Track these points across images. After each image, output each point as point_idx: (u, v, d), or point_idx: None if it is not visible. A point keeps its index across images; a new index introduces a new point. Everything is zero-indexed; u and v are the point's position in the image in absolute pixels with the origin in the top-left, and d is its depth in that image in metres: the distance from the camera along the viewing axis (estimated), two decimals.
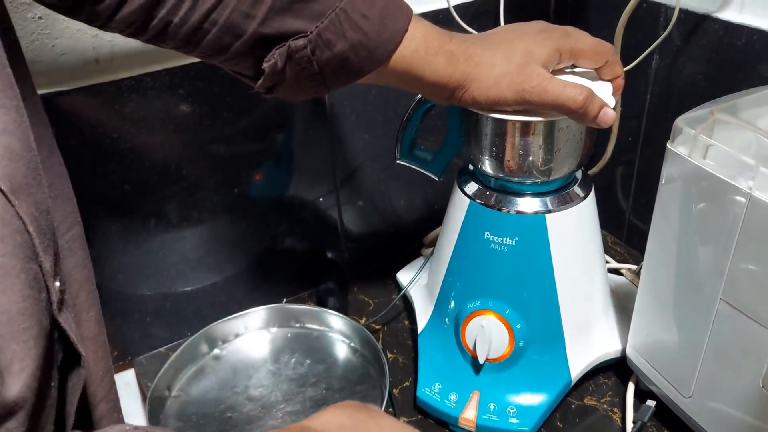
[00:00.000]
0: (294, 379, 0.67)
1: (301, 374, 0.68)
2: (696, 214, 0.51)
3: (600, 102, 0.49)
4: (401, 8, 0.48)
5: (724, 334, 0.51)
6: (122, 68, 0.60)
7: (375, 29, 0.46)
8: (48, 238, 0.33)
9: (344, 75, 0.48)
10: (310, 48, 0.46)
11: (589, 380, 0.66)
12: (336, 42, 0.46)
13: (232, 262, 0.75)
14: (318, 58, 0.46)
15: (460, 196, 0.61)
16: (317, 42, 0.46)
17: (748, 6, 0.62)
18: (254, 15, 0.44)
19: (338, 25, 0.45)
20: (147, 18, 0.44)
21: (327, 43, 0.46)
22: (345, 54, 0.46)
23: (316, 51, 0.46)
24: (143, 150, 0.63)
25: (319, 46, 0.46)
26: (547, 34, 0.51)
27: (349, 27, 0.46)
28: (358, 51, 0.47)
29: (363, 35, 0.46)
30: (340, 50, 0.46)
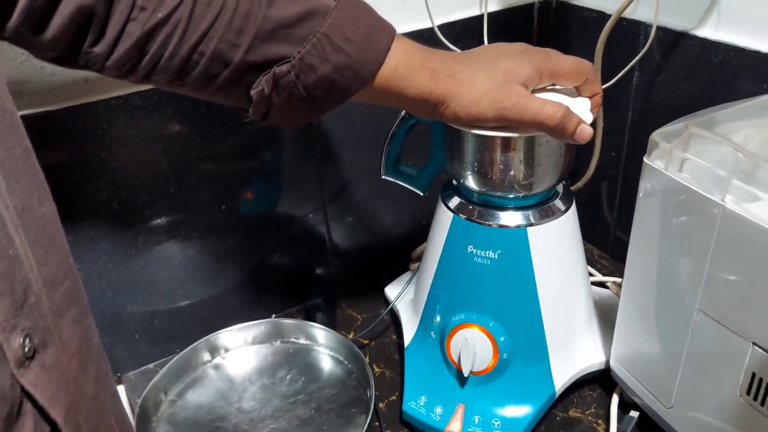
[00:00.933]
0: (286, 396, 0.67)
1: (294, 390, 0.68)
2: (673, 226, 0.52)
3: (577, 119, 0.50)
4: (384, 28, 0.50)
5: (702, 345, 0.51)
6: (111, 88, 0.61)
7: (358, 50, 0.47)
8: (1, 288, 0.30)
9: (332, 96, 0.49)
10: (294, 73, 0.47)
11: (574, 392, 0.67)
12: (319, 65, 0.47)
13: (220, 278, 0.76)
14: (303, 82, 0.47)
15: (444, 210, 0.62)
16: (301, 66, 0.47)
17: (723, 24, 0.64)
18: (240, 44, 0.46)
19: (320, 49, 0.46)
20: (140, 55, 0.46)
21: (310, 67, 0.47)
22: (330, 76, 0.48)
23: (300, 75, 0.47)
24: (132, 168, 0.64)
25: (303, 70, 0.47)
26: (528, 55, 0.52)
27: (331, 50, 0.47)
28: (343, 72, 0.48)
29: (347, 57, 0.47)
30: (325, 73, 0.47)
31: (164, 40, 0.45)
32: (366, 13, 0.49)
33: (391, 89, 0.50)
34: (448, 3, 0.76)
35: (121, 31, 0.44)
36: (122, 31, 0.44)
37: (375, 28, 0.49)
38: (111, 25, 0.44)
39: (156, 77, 0.47)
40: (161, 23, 0.45)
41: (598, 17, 0.76)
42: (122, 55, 0.45)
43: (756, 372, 0.47)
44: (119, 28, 0.44)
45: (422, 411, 0.63)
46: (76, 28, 0.44)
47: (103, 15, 0.44)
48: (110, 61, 0.45)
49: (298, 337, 0.74)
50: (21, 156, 0.36)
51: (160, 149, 0.65)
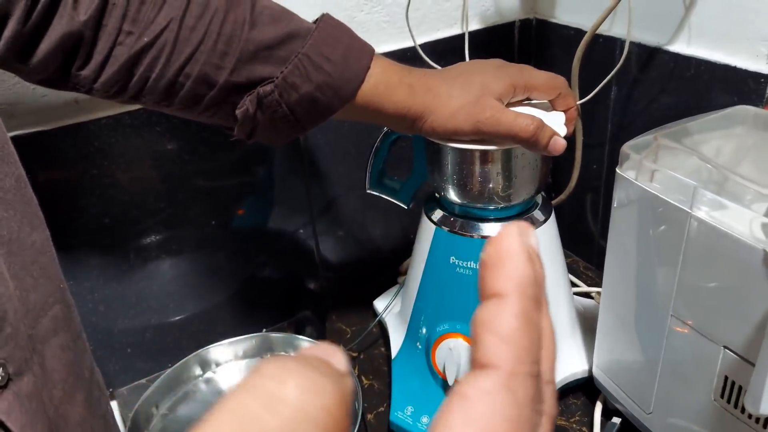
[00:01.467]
0: None
1: None
2: (646, 234, 0.53)
3: (550, 131, 0.52)
4: (363, 48, 0.51)
5: (676, 350, 0.53)
6: (101, 107, 0.63)
7: (338, 69, 0.49)
8: None
9: (315, 114, 0.51)
10: (277, 92, 0.49)
11: (559, 401, 0.68)
12: (301, 84, 0.49)
13: (211, 293, 0.77)
14: (286, 101, 0.49)
15: (427, 223, 0.64)
16: (283, 86, 0.48)
17: (695, 39, 0.66)
18: (224, 66, 0.47)
19: (302, 68, 0.48)
20: (127, 77, 0.47)
21: (293, 86, 0.49)
22: (312, 94, 0.49)
23: (283, 94, 0.49)
24: (123, 185, 0.66)
25: (285, 89, 0.49)
26: (503, 70, 0.54)
27: (312, 69, 0.48)
28: (324, 90, 0.49)
29: (327, 76, 0.49)
30: (307, 91, 0.49)
31: (150, 63, 0.47)
32: (345, 35, 0.51)
33: (371, 106, 0.52)
34: (430, 22, 0.78)
35: (109, 54, 0.46)
36: (109, 54, 0.46)
37: (354, 49, 0.50)
38: (98, 49, 0.46)
39: (144, 98, 0.49)
40: (147, 47, 0.46)
41: (576, 34, 0.78)
42: (110, 77, 0.47)
43: (728, 375, 0.48)
44: (106, 52, 0.46)
45: (409, 421, 0.64)
46: (64, 52, 0.45)
47: (90, 40, 0.45)
48: (98, 83, 0.47)
49: (288, 351, 0.75)
50: (12, 186, 0.37)
51: (151, 166, 0.67)
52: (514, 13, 0.83)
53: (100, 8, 0.45)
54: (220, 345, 0.73)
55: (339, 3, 0.72)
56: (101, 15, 0.45)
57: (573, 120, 0.58)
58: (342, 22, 0.51)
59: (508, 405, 0.17)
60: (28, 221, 0.38)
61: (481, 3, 0.81)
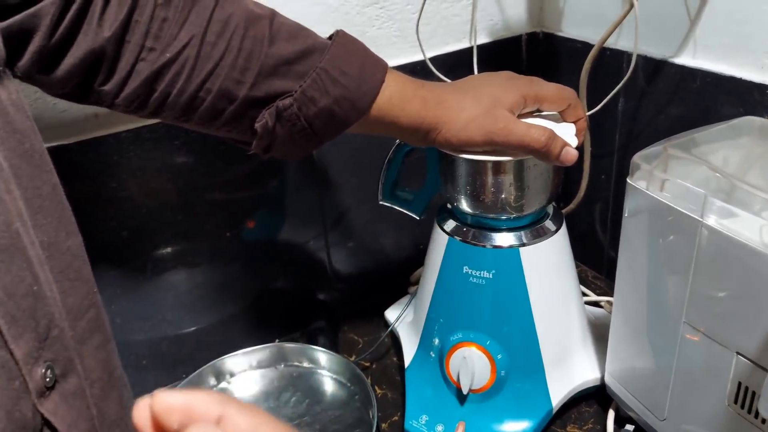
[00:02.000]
0: (291, 418, 0.69)
1: (298, 413, 0.69)
2: (658, 243, 0.54)
3: (562, 142, 0.53)
4: (377, 63, 0.53)
5: (690, 357, 0.53)
6: (120, 121, 0.65)
7: (354, 83, 0.51)
8: (25, 324, 0.32)
9: (332, 127, 0.52)
10: (296, 105, 0.50)
11: (572, 409, 0.69)
12: (320, 98, 0.50)
13: (226, 304, 0.78)
14: (305, 114, 0.50)
15: (440, 233, 0.65)
16: (302, 99, 0.50)
17: (700, 51, 0.67)
18: (244, 81, 0.49)
19: (320, 82, 0.50)
20: (149, 92, 0.48)
21: (311, 100, 0.50)
22: (330, 107, 0.51)
23: (302, 107, 0.50)
24: (140, 197, 0.67)
25: (304, 102, 0.50)
26: (513, 82, 0.56)
27: (330, 83, 0.50)
28: (342, 103, 0.51)
29: (344, 89, 0.50)
30: (325, 105, 0.50)
31: (172, 79, 0.48)
32: (359, 50, 0.52)
33: (386, 119, 0.53)
34: (439, 36, 0.80)
35: (131, 70, 0.47)
36: (132, 70, 0.47)
37: (369, 63, 0.52)
38: (121, 65, 0.47)
39: (164, 113, 0.50)
40: (169, 63, 0.47)
41: (583, 47, 0.79)
42: (131, 92, 0.48)
43: (742, 381, 0.49)
44: (129, 68, 0.47)
45: (424, 429, 0.64)
46: (87, 68, 0.46)
47: (113, 56, 0.46)
48: (119, 98, 0.48)
49: (302, 361, 0.76)
50: (49, 194, 0.38)
51: (168, 179, 0.68)
52: (522, 26, 0.85)
53: (123, 25, 0.46)
54: (235, 355, 0.74)
55: (351, 19, 0.74)
56: (125, 31, 0.46)
57: (583, 131, 0.59)
58: (356, 38, 0.53)
59: None
60: (64, 227, 0.39)
61: (489, 17, 0.82)
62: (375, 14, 0.75)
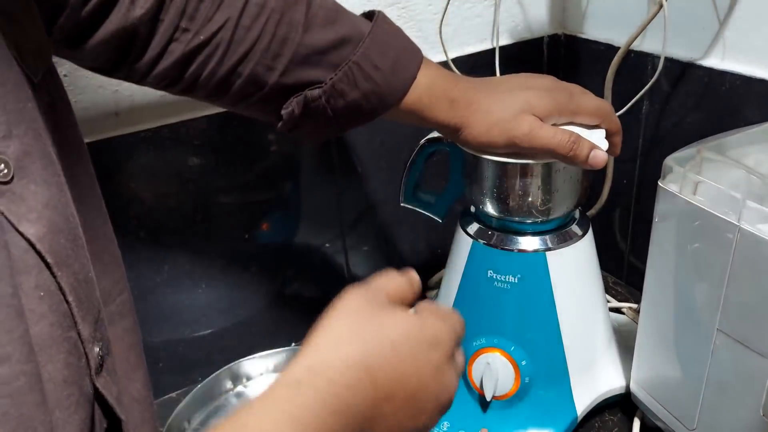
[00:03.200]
0: None
1: None
2: (689, 248, 0.53)
3: (589, 145, 0.52)
4: (413, 56, 0.51)
5: (723, 365, 0.52)
6: (141, 121, 0.64)
7: (386, 79, 0.50)
8: (86, 306, 0.34)
9: (358, 119, 0.52)
10: (324, 98, 0.49)
11: (596, 417, 0.67)
12: (349, 92, 0.49)
13: (242, 307, 0.77)
14: (333, 106, 0.50)
15: (463, 236, 0.63)
16: (331, 92, 0.49)
17: (729, 53, 0.66)
18: (275, 67, 0.48)
19: (351, 76, 0.49)
20: (180, 73, 0.48)
21: (341, 93, 0.49)
22: (358, 101, 0.50)
23: (330, 100, 0.49)
24: (159, 197, 0.66)
25: (333, 95, 0.49)
26: (552, 94, 0.54)
27: (361, 77, 0.49)
28: (370, 98, 0.50)
29: (374, 84, 0.49)
30: (353, 98, 0.50)
31: (204, 61, 0.47)
32: (397, 40, 0.51)
33: (413, 114, 0.53)
34: (461, 37, 0.79)
35: (164, 50, 0.46)
36: (164, 50, 0.46)
37: (403, 57, 0.51)
38: (153, 44, 0.46)
39: (194, 93, 0.50)
40: (203, 45, 0.47)
41: (606, 49, 0.78)
42: (162, 71, 0.47)
43: None
44: (161, 48, 0.46)
45: None
46: (118, 44, 0.45)
47: (146, 34, 0.45)
48: (150, 76, 0.47)
49: None
50: (87, 183, 0.39)
51: (187, 179, 0.67)
52: (543, 28, 0.84)
53: (158, 3, 0.45)
54: (252, 359, 0.73)
55: None
56: (159, 10, 0.45)
57: (618, 145, 0.58)
58: (395, 26, 0.51)
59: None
60: (99, 214, 0.40)
61: (511, 18, 0.81)
62: (396, 14, 0.74)
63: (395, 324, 0.35)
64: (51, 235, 0.31)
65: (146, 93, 0.64)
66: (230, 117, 0.67)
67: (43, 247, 0.31)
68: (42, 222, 0.31)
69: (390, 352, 0.33)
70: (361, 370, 0.32)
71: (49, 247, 0.31)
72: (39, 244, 0.30)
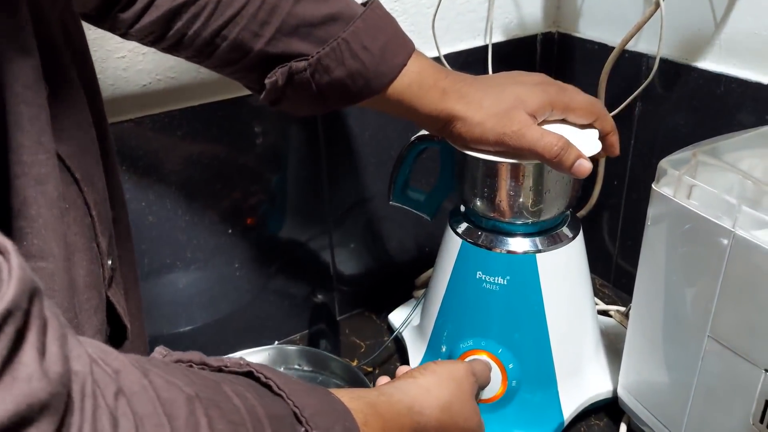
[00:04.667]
0: None
1: None
2: (682, 253, 0.52)
3: (576, 153, 0.51)
4: (404, 44, 0.51)
5: (712, 372, 0.51)
6: (123, 111, 0.62)
7: (374, 61, 0.49)
8: (104, 223, 0.36)
9: (342, 99, 0.51)
10: (309, 71, 0.49)
11: (582, 421, 0.66)
12: (334, 68, 0.49)
13: (224, 303, 0.75)
14: (317, 81, 0.49)
15: (452, 236, 0.62)
16: (317, 66, 0.48)
17: (725, 56, 0.65)
18: (262, 34, 0.48)
19: (339, 53, 0.48)
20: (165, 29, 0.47)
21: (326, 69, 0.49)
22: (343, 80, 0.49)
23: (315, 75, 0.49)
24: (141, 189, 0.64)
25: (318, 70, 0.49)
26: (543, 87, 0.53)
27: (348, 56, 0.48)
28: (356, 79, 0.49)
29: (361, 65, 0.49)
30: (338, 76, 0.49)
31: (190, 20, 0.47)
32: (389, 26, 0.50)
33: (403, 104, 0.52)
34: (454, 33, 0.77)
35: (150, 3, 0.46)
36: (151, 3, 0.46)
37: (394, 43, 0.50)
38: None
39: (178, 52, 0.50)
40: (189, 2, 0.46)
41: (600, 49, 0.77)
42: (146, 25, 0.47)
43: None
44: (148, 0, 0.46)
45: None
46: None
47: None
48: (134, 29, 0.47)
49: (302, 364, 0.73)
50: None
51: (170, 170, 0.65)
52: (537, 26, 0.83)
53: None
54: (247, 353, 0.71)
55: None
56: None
57: (615, 145, 0.57)
58: (389, 14, 0.51)
59: None
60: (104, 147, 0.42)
61: (505, 15, 0.80)
62: (389, 7, 0.71)
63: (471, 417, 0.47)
64: (80, 153, 0.34)
65: (129, 82, 0.62)
66: (215, 108, 0.66)
67: (72, 163, 0.33)
68: (72, 141, 0.33)
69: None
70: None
71: (77, 164, 0.33)
72: (68, 161, 0.33)
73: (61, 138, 0.32)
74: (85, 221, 0.34)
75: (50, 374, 0.20)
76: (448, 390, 0.45)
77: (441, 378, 0.46)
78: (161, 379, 0.27)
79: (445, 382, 0.46)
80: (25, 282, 0.20)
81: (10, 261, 0.20)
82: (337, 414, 0.36)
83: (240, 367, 0.34)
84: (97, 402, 0.22)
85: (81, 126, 0.34)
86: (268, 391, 0.34)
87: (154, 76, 0.64)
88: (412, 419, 0.42)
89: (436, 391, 0.45)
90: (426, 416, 0.43)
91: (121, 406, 0.24)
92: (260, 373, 0.34)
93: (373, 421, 0.38)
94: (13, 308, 0.19)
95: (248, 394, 0.31)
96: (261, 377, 0.34)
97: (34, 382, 0.19)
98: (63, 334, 0.22)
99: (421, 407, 0.43)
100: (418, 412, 0.42)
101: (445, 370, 0.47)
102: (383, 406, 0.40)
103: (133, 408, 0.24)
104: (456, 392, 0.46)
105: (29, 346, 0.20)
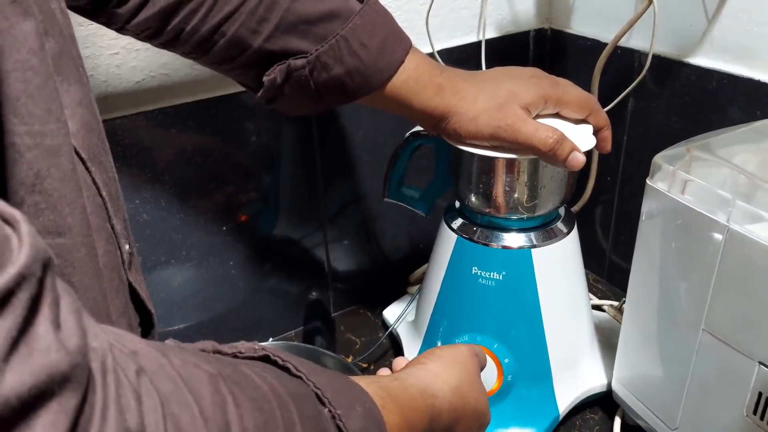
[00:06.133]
0: None
1: None
2: (676, 247, 0.53)
3: (570, 146, 0.51)
4: (401, 40, 0.51)
5: (707, 365, 0.52)
6: (116, 108, 0.62)
7: (372, 58, 0.49)
8: (116, 204, 0.35)
9: (340, 96, 0.51)
10: (308, 68, 0.48)
11: (576, 415, 0.67)
12: (333, 66, 0.48)
13: (219, 301, 0.75)
14: (315, 79, 0.49)
15: (448, 231, 0.62)
16: (315, 64, 0.48)
17: (717, 52, 0.66)
18: (260, 31, 0.47)
19: (337, 50, 0.48)
20: (162, 25, 0.47)
21: (324, 66, 0.48)
22: (341, 78, 0.49)
23: (313, 72, 0.49)
24: (134, 187, 0.64)
25: (317, 67, 0.48)
26: (537, 81, 0.54)
27: (347, 53, 0.48)
28: (354, 76, 0.49)
29: (359, 62, 0.49)
30: (337, 74, 0.49)
31: (187, 16, 0.46)
32: (386, 23, 0.50)
33: (399, 100, 0.52)
34: (448, 29, 0.77)
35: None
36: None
37: (391, 40, 0.50)
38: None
39: (175, 48, 0.49)
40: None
41: (593, 45, 0.78)
42: (143, 21, 0.46)
43: (762, 391, 0.47)
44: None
45: None
46: None
47: None
48: (131, 24, 0.46)
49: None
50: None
51: (163, 168, 0.65)
52: (529, 22, 0.83)
53: None
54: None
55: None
56: None
57: (608, 140, 0.57)
58: (386, 10, 0.51)
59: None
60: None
61: (498, 12, 0.80)
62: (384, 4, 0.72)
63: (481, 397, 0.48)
64: (84, 131, 0.32)
65: (122, 79, 0.62)
66: (208, 105, 0.65)
67: (77, 143, 0.31)
68: (75, 119, 0.32)
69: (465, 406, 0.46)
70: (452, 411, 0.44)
71: (83, 143, 0.32)
72: (73, 140, 0.31)
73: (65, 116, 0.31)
74: (97, 201, 0.33)
75: (69, 346, 0.19)
76: (456, 373, 0.45)
77: (447, 362, 0.46)
78: (180, 359, 0.26)
79: (451, 365, 0.46)
80: (38, 250, 0.19)
81: (21, 229, 0.19)
82: (356, 395, 0.35)
83: (255, 351, 0.33)
84: (119, 379, 0.21)
85: (82, 102, 0.33)
86: (287, 374, 0.33)
87: (148, 73, 0.63)
88: (426, 402, 0.42)
89: (445, 375, 0.45)
90: (440, 398, 0.43)
91: (144, 384, 0.23)
92: (277, 356, 0.33)
93: (390, 404, 0.37)
94: (27, 273, 0.18)
95: (267, 374, 0.31)
96: (278, 360, 0.33)
97: (53, 353, 0.18)
98: (78, 309, 0.21)
99: (434, 390, 0.43)
100: (432, 395, 0.42)
101: (450, 354, 0.47)
102: (397, 390, 0.40)
103: (156, 386, 0.23)
104: (463, 374, 0.46)
105: (43, 318, 0.18)
